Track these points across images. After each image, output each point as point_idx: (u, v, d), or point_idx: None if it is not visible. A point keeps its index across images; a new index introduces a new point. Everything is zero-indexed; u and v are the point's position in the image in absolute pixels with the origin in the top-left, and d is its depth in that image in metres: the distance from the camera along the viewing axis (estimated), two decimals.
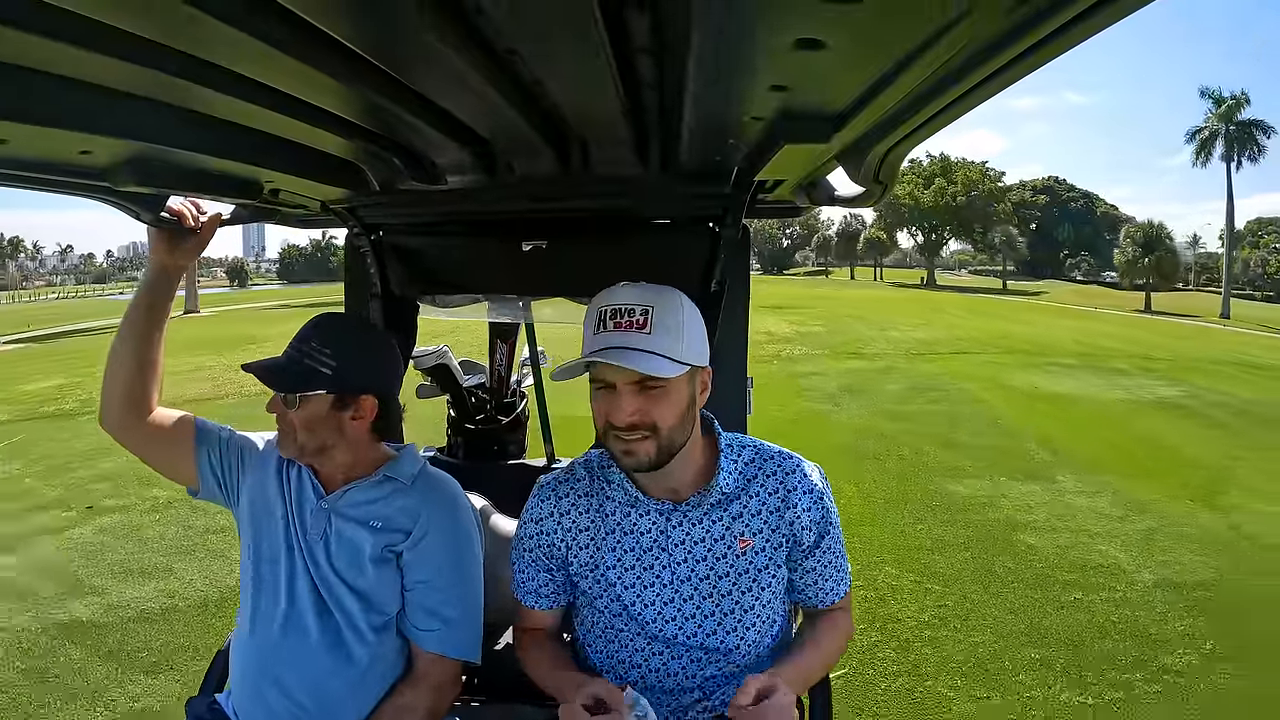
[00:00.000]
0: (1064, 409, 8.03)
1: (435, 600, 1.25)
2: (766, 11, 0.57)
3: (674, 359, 1.02)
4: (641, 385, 1.04)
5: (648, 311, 1.03)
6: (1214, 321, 30.73)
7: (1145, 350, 14.00)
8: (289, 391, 1.20)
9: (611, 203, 1.51)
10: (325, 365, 1.20)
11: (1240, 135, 37.31)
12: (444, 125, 0.98)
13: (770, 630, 1.18)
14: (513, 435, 2.21)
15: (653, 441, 1.05)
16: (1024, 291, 48.09)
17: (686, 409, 1.08)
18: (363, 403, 1.25)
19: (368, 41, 0.69)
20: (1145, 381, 9.98)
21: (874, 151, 0.87)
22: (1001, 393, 8.82)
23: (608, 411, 1.06)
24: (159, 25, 0.62)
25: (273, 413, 1.23)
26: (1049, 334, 16.66)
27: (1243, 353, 15.16)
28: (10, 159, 0.89)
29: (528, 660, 1.24)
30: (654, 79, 0.83)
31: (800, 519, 1.15)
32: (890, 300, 28.97)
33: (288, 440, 1.23)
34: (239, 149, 1.02)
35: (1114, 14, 0.49)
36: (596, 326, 1.06)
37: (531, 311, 2.05)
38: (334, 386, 1.21)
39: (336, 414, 1.23)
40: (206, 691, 1.38)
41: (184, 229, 1.30)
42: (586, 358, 1.04)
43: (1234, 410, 8.18)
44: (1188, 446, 6.51)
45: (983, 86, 0.63)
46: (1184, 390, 9.35)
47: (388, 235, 1.69)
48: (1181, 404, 8.48)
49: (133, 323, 1.29)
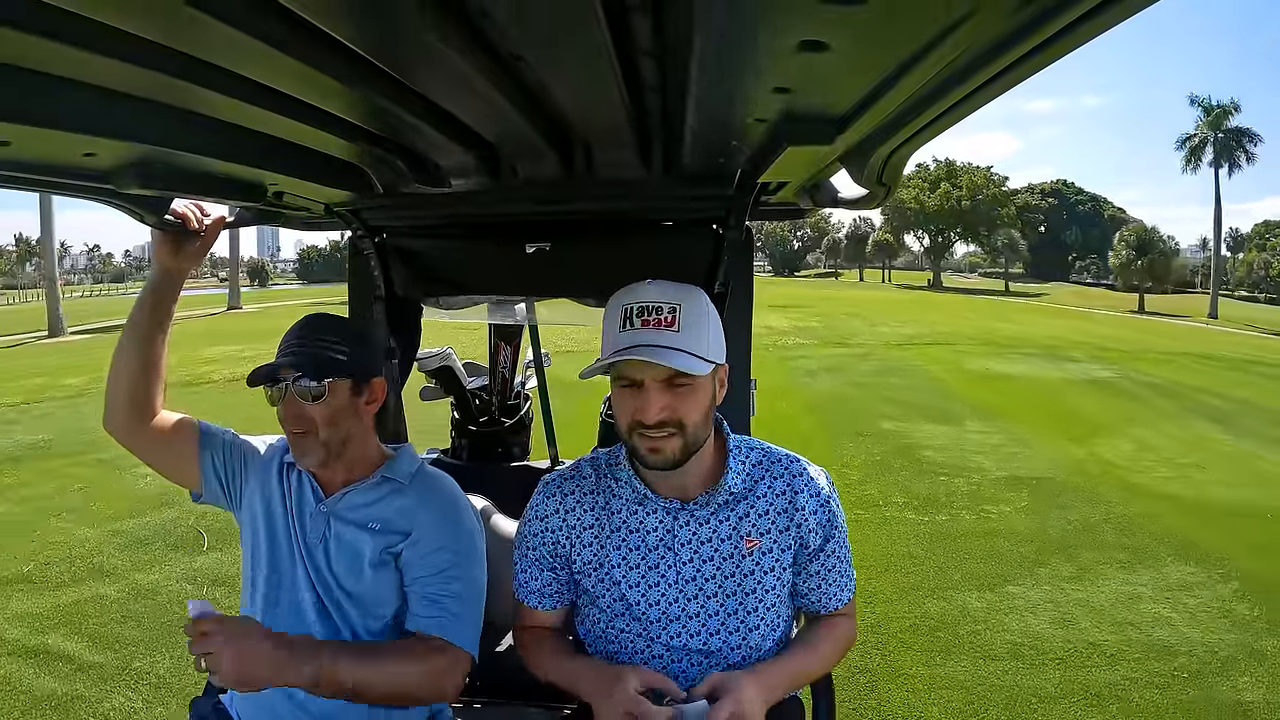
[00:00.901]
0: (1003, 384, 9.71)
1: (436, 592, 1.23)
2: (769, 13, 0.57)
3: (702, 357, 1.03)
4: (670, 383, 1.04)
5: (675, 310, 1.03)
6: (1201, 321, 32.02)
7: (1107, 343, 15.56)
8: (321, 379, 1.19)
9: (615, 205, 1.52)
10: (339, 353, 1.21)
11: (1228, 142, 38.79)
12: (447, 128, 0.98)
13: (773, 634, 1.17)
14: (516, 437, 2.22)
15: (679, 439, 1.05)
16: (1026, 294, 49.36)
17: (710, 406, 1.09)
18: (375, 386, 1.27)
19: (371, 44, 0.69)
20: (1090, 366, 11.59)
21: (877, 153, 0.88)
22: (957, 373, 10.48)
23: (635, 409, 1.05)
24: (162, 27, 0.62)
25: (290, 418, 1.20)
26: (1027, 331, 18.20)
27: (1202, 347, 16.63)
28: (13, 161, 0.89)
29: (531, 656, 1.23)
30: (657, 82, 0.83)
31: (807, 521, 1.14)
32: (890, 300, 30.51)
33: (310, 444, 1.20)
34: (243, 152, 1.02)
35: (1120, 13, 0.49)
36: (623, 324, 1.06)
37: (535, 313, 2.13)
38: (352, 372, 1.22)
39: (355, 400, 1.24)
40: (211, 692, 1.36)
41: (188, 231, 1.29)
42: (620, 354, 1.03)
43: (1156, 388, 9.77)
44: (1094, 411, 8.15)
45: (987, 88, 0.64)
46: (1120, 372, 10.97)
47: (391, 237, 1.70)
48: (1112, 383, 10.09)
49: (136, 325, 1.28)
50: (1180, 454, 6.22)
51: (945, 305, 29.01)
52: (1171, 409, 8.42)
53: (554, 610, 1.24)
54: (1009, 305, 33.30)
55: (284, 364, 1.19)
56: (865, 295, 34.96)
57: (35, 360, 13.32)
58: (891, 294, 38.53)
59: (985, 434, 6.68)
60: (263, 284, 70.91)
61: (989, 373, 10.63)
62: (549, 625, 1.26)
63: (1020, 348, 13.96)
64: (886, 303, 28.42)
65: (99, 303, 43.99)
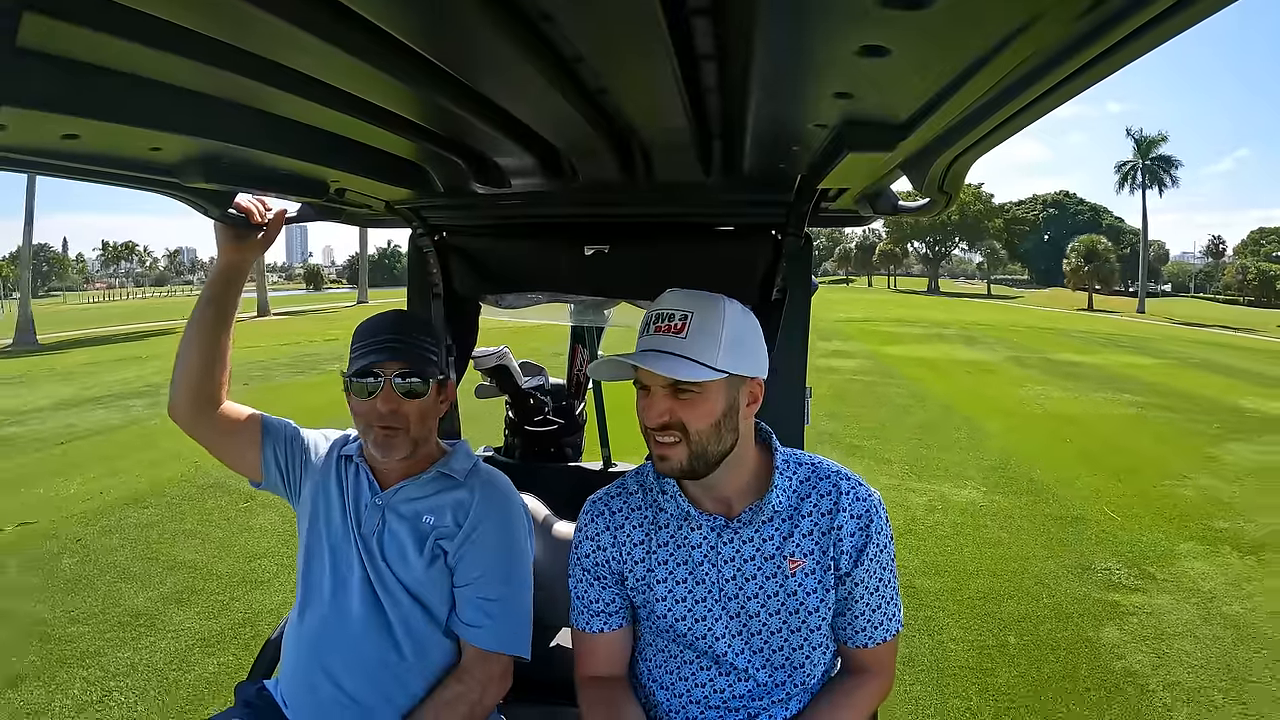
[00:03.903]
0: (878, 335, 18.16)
1: (485, 596, 1.25)
2: (830, 17, 0.56)
3: (707, 365, 1.02)
4: (675, 389, 1.04)
5: (687, 317, 1.04)
6: (1130, 315, 39.28)
7: (987, 323, 23.87)
8: (426, 377, 1.23)
9: (674, 209, 1.52)
10: (433, 352, 1.26)
11: (1154, 168, 46.93)
12: (509, 129, 0.98)
13: (815, 656, 1.15)
14: (570, 438, 2.24)
15: (684, 446, 1.05)
16: (1005, 295, 57.20)
17: (723, 417, 1.06)
18: (449, 387, 1.32)
19: (434, 45, 0.70)
20: (947, 331, 19.98)
21: (939, 161, 0.87)
22: (867, 335, 18.83)
23: (642, 411, 1.08)
24: (228, 26, 0.64)
25: (386, 412, 1.22)
26: (946, 317, 26.26)
27: (1074, 328, 24.19)
28: (83, 154, 0.91)
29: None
30: (717, 85, 0.82)
31: (842, 542, 1.11)
32: (868, 299, 38.54)
33: (401, 439, 1.24)
34: (306, 149, 1.03)
35: (1187, 19, 0.48)
36: (643, 330, 1.08)
37: (597, 315, 2.16)
38: (439, 372, 1.28)
39: (436, 400, 1.28)
40: (255, 677, 1.41)
41: (251, 225, 1.32)
42: (625, 358, 1.05)
43: (964, 338, 18.09)
44: (905, 339, 16.57)
45: (1051, 94, 0.63)
46: (957, 331, 19.36)
47: (451, 236, 1.73)
48: (943, 335, 18.50)
49: (200, 319, 1.30)
50: (926, 352, 14.71)
51: (907, 302, 37.06)
52: (956, 341, 16.83)
53: (616, 631, 1.20)
54: (968, 304, 41.04)
55: (388, 358, 1.21)
56: (853, 296, 43.06)
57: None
58: (878, 295, 46.99)
59: (844, 356, 14.83)
60: (317, 287, 77.28)
61: (876, 331, 19.16)
62: (613, 664, 1.20)
63: (922, 324, 22.23)
64: (862, 301, 36.16)
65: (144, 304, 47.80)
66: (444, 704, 1.21)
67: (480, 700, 1.23)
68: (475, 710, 1.22)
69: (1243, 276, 67.48)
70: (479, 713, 1.23)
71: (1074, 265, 47.44)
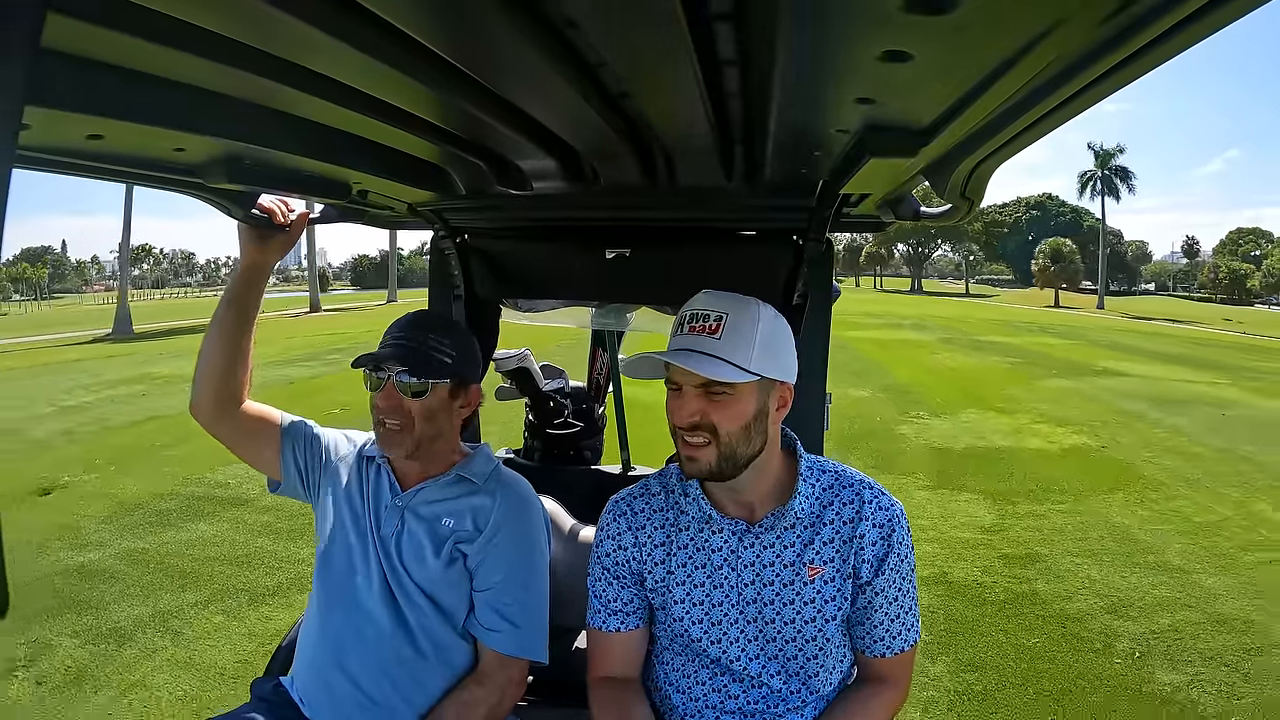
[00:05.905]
0: (853, 322, 21.64)
1: (504, 601, 1.26)
2: (853, 22, 0.56)
3: (741, 366, 1.02)
4: (707, 389, 1.04)
5: (721, 318, 1.04)
6: (1089, 311, 42.13)
7: (943, 317, 27.40)
8: (427, 377, 1.23)
9: (695, 213, 1.53)
10: (446, 354, 1.26)
11: (1110, 179, 51.84)
12: (531, 132, 0.98)
13: (830, 664, 1.15)
14: (589, 441, 2.25)
15: (713, 448, 1.05)
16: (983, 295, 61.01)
17: (753, 420, 1.06)
18: (472, 392, 1.32)
19: (457, 49, 0.70)
20: (904, 320, 23.64)
21: (961, 167, 0.87)
22: (838, 324, 22.20)
23: (673, 411, 1.07)
24: (251, 28, 0.64)
25: (387, 408, 1.23)
26: (920, 312, 29.51)
27: (1024, 319, 27.22)
28: (107, 154, 0.92)
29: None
30: (739, 90, 0.83)
31: (863, 551, 1.11)
32: (850, 297, 41.28)
33: (401, 437, 1.24)
34: (329, 150, 1.03)
35: (1213, 23, 0.48)
36: (676, 329, 1.08)
37: (618, 318, 2.13)
38: (454, 375, 1.26)
39: (450, 403, 1.28)
40: (271, 674, 1.41)
41: (273, 226, 1.32)
42: (658, 356, 1.06)
43: (915, 325, 21.75)
44: (868, 327, 20.24)
45: (1075, 100, 0.63)
46: (913, 323, 23.01)
47: (473, 238, 1.74)
48: (897, 324, 22.12)
49: (222, 319, 1.31)
50: (879, 336, 18.38)
51: (885, 300, 40.62)
52: (908, 329, 20.43)
53: (632, 631, 1.20)
54: (942, 301, 44.55)
55: (389, 356, 1.22)
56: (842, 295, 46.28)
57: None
58: (863, 295, 50.57)
59: None
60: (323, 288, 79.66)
61: (846, 320, 22.69)
62: (629, 664, 1.21)
63: (888, 317, 25.70)
64: (845, 299, 39.03)
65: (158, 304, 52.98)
66: (464, 705, 1.23)
67: (499, 704, 1.25)
68: (493, 714, 1.24)
69: (1215, 275, 71.31)
70: (498, 715, 1.25)
71: (1041, 265, 51.64)
